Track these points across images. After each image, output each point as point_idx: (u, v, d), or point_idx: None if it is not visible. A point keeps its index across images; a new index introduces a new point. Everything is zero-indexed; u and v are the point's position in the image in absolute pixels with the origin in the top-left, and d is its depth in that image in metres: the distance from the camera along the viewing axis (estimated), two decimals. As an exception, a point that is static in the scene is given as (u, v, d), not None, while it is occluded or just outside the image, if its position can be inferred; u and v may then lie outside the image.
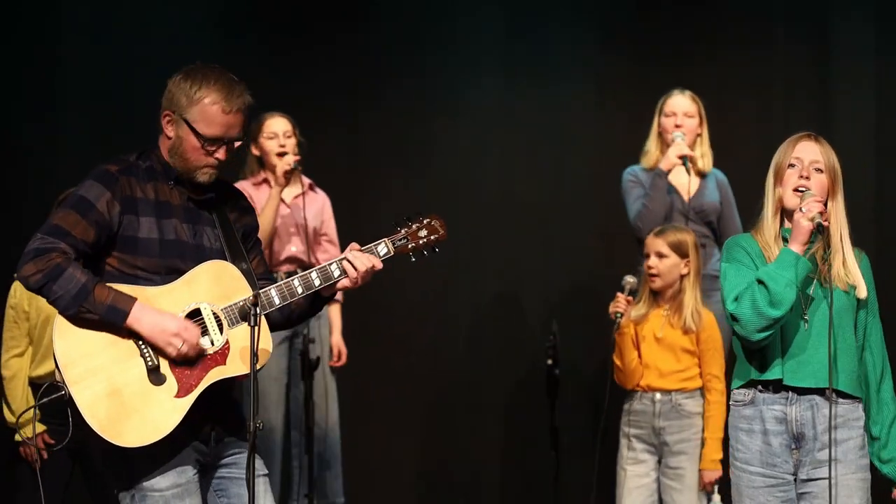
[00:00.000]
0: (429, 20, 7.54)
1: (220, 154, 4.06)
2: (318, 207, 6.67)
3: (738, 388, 4.35)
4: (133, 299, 3.92)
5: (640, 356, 5.78)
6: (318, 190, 6.72)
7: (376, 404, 7.44)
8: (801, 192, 4.27)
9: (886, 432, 4.37)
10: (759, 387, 4.29)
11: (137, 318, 3.91)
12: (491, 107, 7.52)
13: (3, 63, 7.29)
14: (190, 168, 4.06)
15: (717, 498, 5.72)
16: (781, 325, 4.23)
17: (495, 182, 7.51)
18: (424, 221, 4.29)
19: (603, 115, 7.45)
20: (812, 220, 4.20)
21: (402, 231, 4.26)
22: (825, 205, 4.28)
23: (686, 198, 6.37)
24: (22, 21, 7.35)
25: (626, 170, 6.48)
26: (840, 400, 4.26)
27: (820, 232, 4.21)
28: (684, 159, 6.31)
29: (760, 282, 4.21)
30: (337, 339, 6.66)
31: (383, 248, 4.21)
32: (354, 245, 4.18)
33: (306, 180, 6.64)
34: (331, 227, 6.70)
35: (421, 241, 4.27)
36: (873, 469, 4.35)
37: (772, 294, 4.18)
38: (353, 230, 6.50)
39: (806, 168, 4.30)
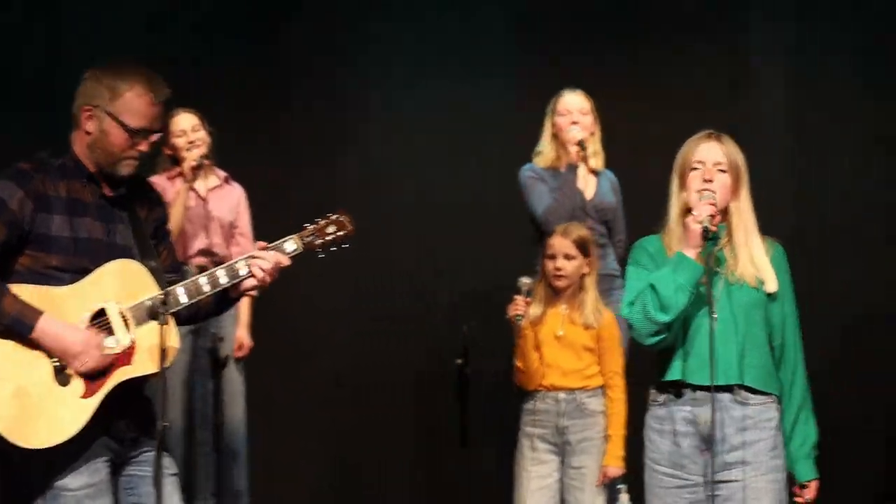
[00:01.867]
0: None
1: (144, 146, 4.08)
2: (234, 201, 6.70)
3: (653, 389, 4.37)
4: (39, 313, 3.91)
5: (540, 357, 5.70)
6: (234, 183, 6.73)
7: (290, 406, 7.49)
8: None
9: (790, 429, 4.37)
10: (670, 388, 4.31)
11: (42, 333, 3.91)
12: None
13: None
14: (113, 161, 4.07)
15: (624, 498, 5.74)
16: (675, 328, 4.25)
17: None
18: (332, 217, 4.33)
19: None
20: (701, 223, 4.21)
21: (310, 227, 4.29)
22: (728, 204, 4.32)
23: (588, 195, 6.29)
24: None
25: (523, 167, 6.35)
26: (751, 398, 4.27)
27: (706, 237, 4.20)
28: (581, 143, 6.21)
29: (652, 286, 4.23)
30: (241, 333, 6.66)
31: (291, 244, 4.24)
32: (260, 243, 4.21)
33: (221, 173, 6.68)
34: (244, 221, 6.72)
35: (329, 237, 4.30)
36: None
37: (661, 299, 4.20)
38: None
39: (709, 170, 4.31)
